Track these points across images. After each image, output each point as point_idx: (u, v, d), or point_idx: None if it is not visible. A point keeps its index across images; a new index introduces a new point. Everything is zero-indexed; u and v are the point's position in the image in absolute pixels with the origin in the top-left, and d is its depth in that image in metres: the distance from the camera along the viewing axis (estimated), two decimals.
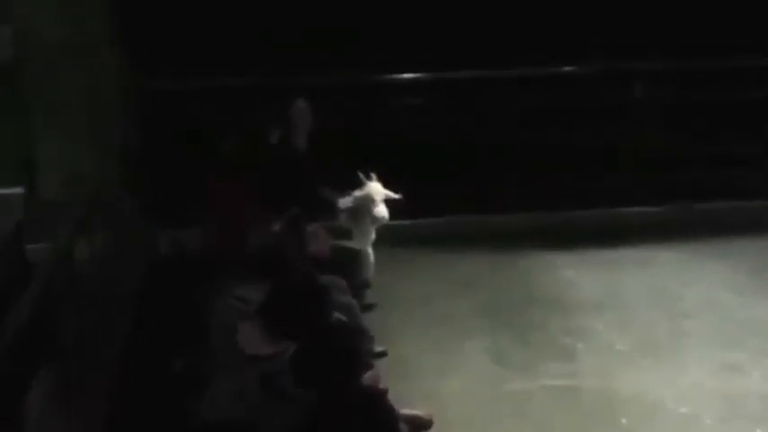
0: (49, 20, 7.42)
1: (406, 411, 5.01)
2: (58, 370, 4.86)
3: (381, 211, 6.96)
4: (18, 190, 7.68)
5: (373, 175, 7.06)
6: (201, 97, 8.16)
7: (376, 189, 7.01)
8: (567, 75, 8.85)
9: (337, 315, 5.41)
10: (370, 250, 7.03)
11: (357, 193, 7.02)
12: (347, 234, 6.95)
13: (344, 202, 7.07)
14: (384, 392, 4.69)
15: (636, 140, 8.90)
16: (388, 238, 7.28)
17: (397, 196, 7.05)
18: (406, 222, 7.83)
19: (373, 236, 7.08)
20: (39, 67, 7.52)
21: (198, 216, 6.63)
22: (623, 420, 5.75)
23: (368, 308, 6.82)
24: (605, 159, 8.87)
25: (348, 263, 6.67)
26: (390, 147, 8.25)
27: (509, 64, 8.52)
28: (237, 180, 6.47)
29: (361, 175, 7.04)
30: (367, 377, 4.67)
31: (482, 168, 8.77)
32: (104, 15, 7.62)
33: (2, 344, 4.68)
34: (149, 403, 4.71)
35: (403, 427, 4.66)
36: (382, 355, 6.26)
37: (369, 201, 6.96)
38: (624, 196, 8.86)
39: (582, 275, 7.78)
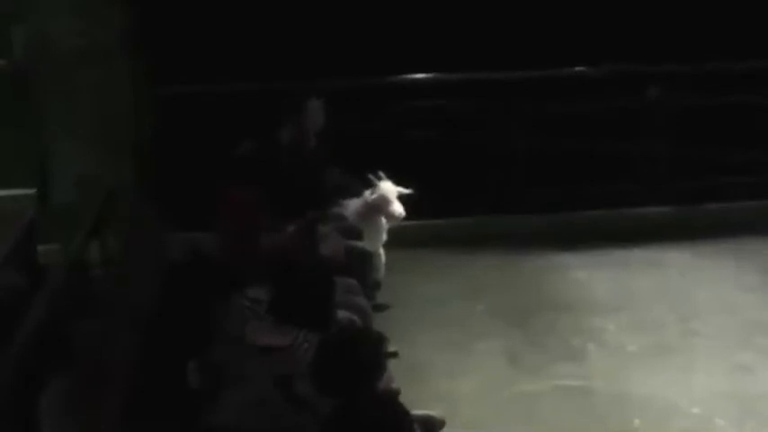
0: (63, 24, 7.48)
1: (418, 412, 5.02)
2: (72, 375, 4.88)
3: (398, 208, 6.98)
4: (30, 191, 7.72)
5: (382, 175, 7.07)
6: (214, 102, 8.17)
7: (388, 188, 7.02)
8: (577, 76, 8.83)
9: (348, 315, 5.44)
10: (381, 251, 7.05)
11: (369, 193, 7.02)
12: (358, 235, 6.96)
13: (355, 203, 7.08)
14: (397, 394, 4.70)
15: (648, 142, 8.88)
16: (400, 239, 7.29)
17: (408, 191, 7.07)
18: (418, 223, 7.82)
19: (385, 236, 7.09)
20: (53, 71, 7.57)
21: (212, 220, 6.65)
22: (635, 421, 5.76)
23: (379, 308, 6.83)
24: (617, 160, 8.85)
25: (359, 264, 6.67)
26: (401, 148, 8.24)
27: (524, 66, 8.50)
28: (250, 184, 6.50)
29: (371, 177, 7.05)
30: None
31: (493, 169, 8.77)
32: (118, 21, 7.65)
33: (15, 349, 4.70)
34: (163, 409, 4.72)
35: (416, 428, 4.66)
36: (394, 355, 6.26)
37: (383, 200, 6.97)
38: (635, 197, 8.86)
39: (593, 276, 7.79)
